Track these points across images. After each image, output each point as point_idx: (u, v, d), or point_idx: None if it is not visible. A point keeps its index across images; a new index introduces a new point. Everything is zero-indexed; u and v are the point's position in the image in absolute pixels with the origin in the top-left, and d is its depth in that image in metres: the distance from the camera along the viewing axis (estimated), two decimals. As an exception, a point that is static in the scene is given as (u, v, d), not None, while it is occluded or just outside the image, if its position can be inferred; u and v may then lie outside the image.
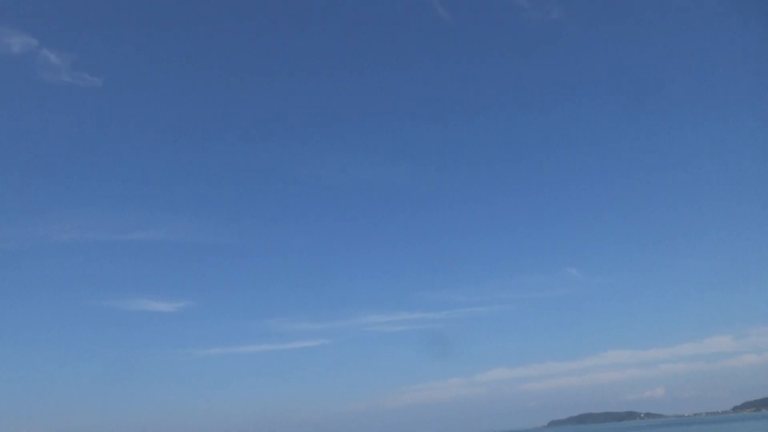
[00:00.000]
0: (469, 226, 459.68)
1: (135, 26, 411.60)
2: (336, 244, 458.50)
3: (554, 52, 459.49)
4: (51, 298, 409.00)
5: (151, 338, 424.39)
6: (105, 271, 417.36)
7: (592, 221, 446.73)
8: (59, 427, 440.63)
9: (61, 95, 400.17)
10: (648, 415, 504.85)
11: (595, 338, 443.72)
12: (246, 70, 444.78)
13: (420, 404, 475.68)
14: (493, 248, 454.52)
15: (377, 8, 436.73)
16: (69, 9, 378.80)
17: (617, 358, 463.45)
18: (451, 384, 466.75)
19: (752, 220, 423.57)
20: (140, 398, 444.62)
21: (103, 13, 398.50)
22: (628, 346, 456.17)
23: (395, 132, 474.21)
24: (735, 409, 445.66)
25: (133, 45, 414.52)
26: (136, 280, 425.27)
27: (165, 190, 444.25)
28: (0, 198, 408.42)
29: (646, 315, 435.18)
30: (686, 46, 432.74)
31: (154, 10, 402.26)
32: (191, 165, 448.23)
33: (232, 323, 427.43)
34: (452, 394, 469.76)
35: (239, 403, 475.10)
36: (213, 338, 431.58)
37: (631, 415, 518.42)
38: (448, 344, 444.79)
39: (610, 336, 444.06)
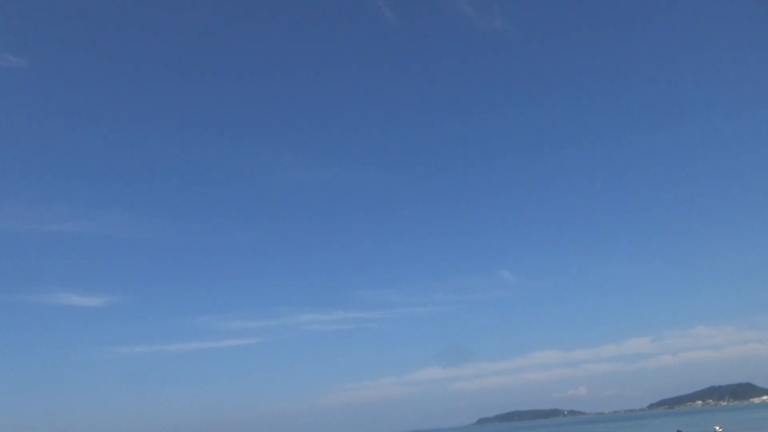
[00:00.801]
0: (406, 228, 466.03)
1: (64, 6, 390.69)
2: (272, 243, 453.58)
3: (497, 59, 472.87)
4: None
5: (73, 334, 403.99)
6: (26, 263, 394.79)
7: (527, 226, 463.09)
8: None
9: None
10: (571, 412, 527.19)
11: (524, 339, 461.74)
12: (190, 61, 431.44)
13: (353, 403, 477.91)
14: (430, 250, 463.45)
15: (330, 11, 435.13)
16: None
17: (544, 358, 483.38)
18: (384, 383, 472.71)
19: (675, 228, 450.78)
20: (61, 397, 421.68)
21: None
22: (555, 347, 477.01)
23: (335, 133, 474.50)
24: (650, 406, 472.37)
25: (63, 26, 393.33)
26: (58, 274, 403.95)
27: (94, 181, 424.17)
28: None
29: (572, 317, 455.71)
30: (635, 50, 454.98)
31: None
32: (122, 157, 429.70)
33: (161, 320, 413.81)
34: (385, 393, 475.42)
35: (167, 403, 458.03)
36: (140, 335, 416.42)
37: (555, 413, 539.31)
38: (382, 344, 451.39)
39: (538, 337, 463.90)
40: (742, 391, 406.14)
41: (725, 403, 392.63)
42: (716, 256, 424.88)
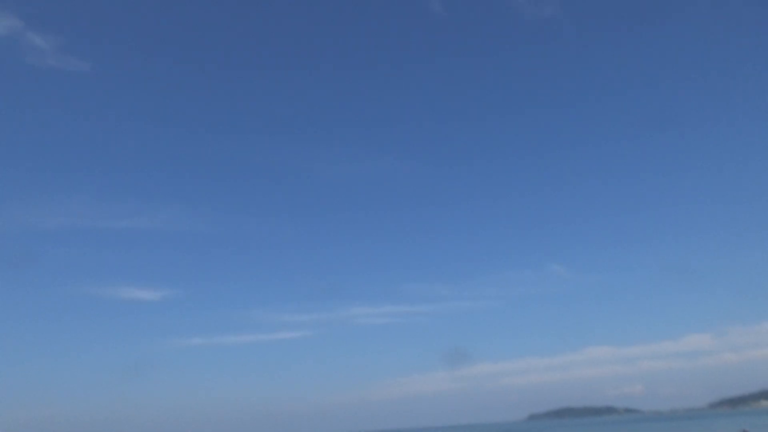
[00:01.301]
0: (456, 222, 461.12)
1: (125, 11, 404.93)
2: (323, 236, 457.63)
3: (547, 50, 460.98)
4: (37, 284, 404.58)
5: (135, 327, 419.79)
6: (92, 258, 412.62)
7: (578, 219, 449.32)
8: (44, 414, 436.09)
9: (48, 79, 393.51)
10: (627, 410, 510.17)
11: (576, 334, 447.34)
12: (239, 62, 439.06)
13: (404, 397, 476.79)
14: (480, 244, 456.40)
15: (371, 2, 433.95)
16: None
17: (597, 354, 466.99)
18: (435, 377, 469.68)
19: (735, 223, 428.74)
20: (124, 387, 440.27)
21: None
22: (609, 343, 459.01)
23: (384, 127, 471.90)
24: (711, 406, 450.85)
25: (123, 30, 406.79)
26: (122, 268, 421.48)
27: (152, 178, 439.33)
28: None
29: (627, 312, 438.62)
30: (682, 46, 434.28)
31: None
32: (179, 154, 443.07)
33: (217, 313, 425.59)
34: (436, 388, 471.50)
35: (222, 394, 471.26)
36: (197, 327, 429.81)
37: (610, 411, 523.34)
38: (432, 337, 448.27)
39: (591, 332, 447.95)
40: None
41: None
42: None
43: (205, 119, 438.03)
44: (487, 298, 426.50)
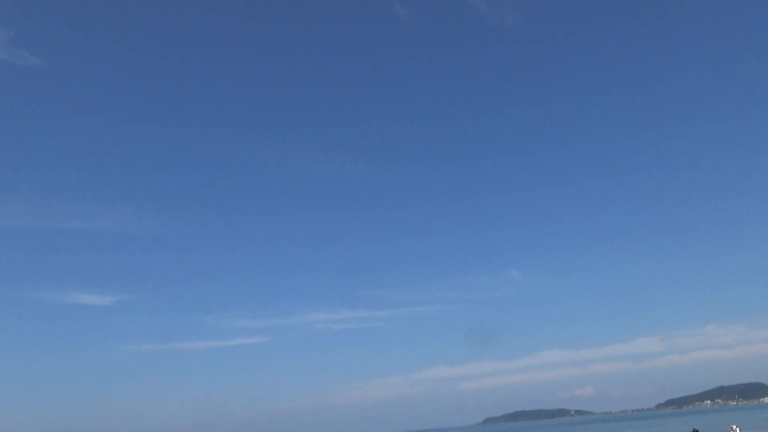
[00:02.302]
0: (414, 226, 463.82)
1: (78, 5, 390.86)
2: (279, 240, 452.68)
3: (509, 55, 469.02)
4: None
5: (82, 333, 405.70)
6: (36, 261, 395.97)
7: (535, 225, 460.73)
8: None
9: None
10: (578, 412, 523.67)
11: (531, 338, 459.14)
12: (206, 55, 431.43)
13: (360, 402, 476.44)
14: (437, 249, 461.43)
15: (341, 5, 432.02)
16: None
17: (551, 358, 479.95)
18: (391, 382, 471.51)
19: (685, 226, 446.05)
20: (69, 394, 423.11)
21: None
22: (562, 347, 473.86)
23: (343, 129, 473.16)
24: (658, 406, 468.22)
25: (76, 25, 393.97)
26: (68, 272, 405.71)
27: (102, 178, 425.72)
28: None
29: (579, 317, 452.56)
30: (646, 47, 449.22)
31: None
32: (132, 153, 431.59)
33: (169, 319, 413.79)
34: (392, 392, 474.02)
35: (174, 401, 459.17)
36: (148, 334, 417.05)
37: (562, 413, 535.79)
38: (390, 343, 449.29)
39: (546, 336, 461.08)
40: (752, 391, 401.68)
41: (735, 403, 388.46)
42: (727, 254, 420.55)
43: (161, 116, 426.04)
44: (445, 302, 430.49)
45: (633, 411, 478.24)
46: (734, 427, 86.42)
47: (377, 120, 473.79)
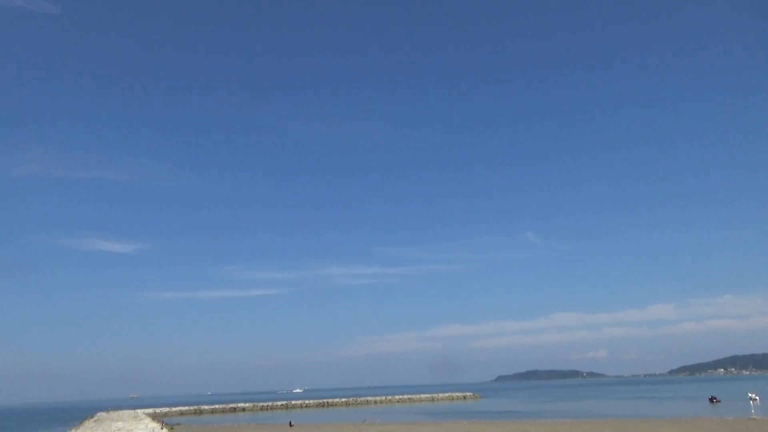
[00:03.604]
0: (433, 186, 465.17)
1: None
2: (300, 196, 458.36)
3: (538, 20, 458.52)
4: (6, 233, 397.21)
5: (106, 279, 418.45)
6: (61, 208, 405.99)
7: (553, 188, 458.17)
8: (15, 362, 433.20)
9: (14, 20, 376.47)
10: (590, 374, 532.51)
11: (545, 300, 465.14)
12: (221, 15, 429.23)
13: (375, 355, 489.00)
14: (455, 209, 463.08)
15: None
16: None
17: (565, 320, 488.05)
18: (406, 337, 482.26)
19: (702, 199, 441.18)
20: (94, 338, 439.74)
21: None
22: (576, 310, 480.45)
23: (364, 89, 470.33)
24: (671, 372, 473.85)
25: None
26: (92, 220, 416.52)
27: (127, 129, 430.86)
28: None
29: (595, 281, 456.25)
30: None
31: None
32: (155, 106, 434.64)
33: (191, 268, 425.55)
34: (406, 347, 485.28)
35: (195, 348, 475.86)
36: (170, 282, 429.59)
37: (574, 374, 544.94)
38: (405, 299, 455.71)
39: (560, 299, 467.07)
40: (766, 362, 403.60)
41: (748, 373, 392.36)
42: (749, 228, 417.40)
43: (180, 72, 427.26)
44: (461, 262, 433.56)
45: (645, 375, 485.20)
46: (752, 394, 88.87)
47: (400, 82, 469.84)
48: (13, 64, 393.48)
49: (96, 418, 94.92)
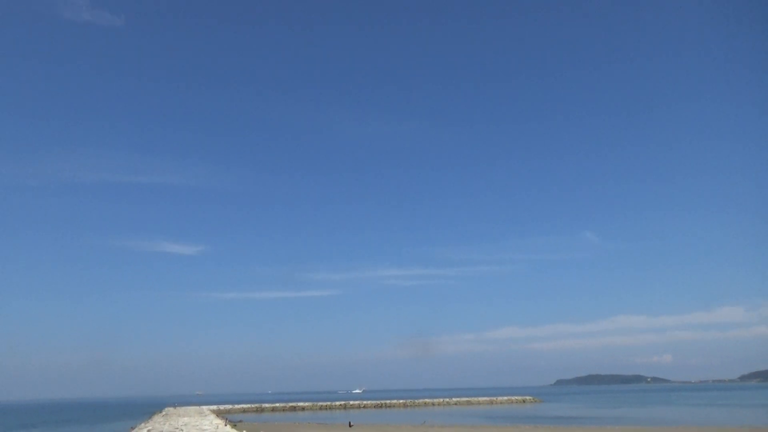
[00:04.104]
0: (487, 185, 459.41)
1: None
2: (353, 197, 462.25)
3: (585, 14, 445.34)
4: (74, 235, 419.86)
5: (171, 279, 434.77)
6: (127, 211, 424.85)
7: (613, 186, 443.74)
8: (81, 358, 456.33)
9: (82, 33, 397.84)
10: (655, 379, 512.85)
11: (606, 302, 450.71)
12: (269, 21, 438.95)
13: (431, 356, 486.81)
14: (510, 208, 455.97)
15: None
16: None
17: (627, 322, 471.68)
18: (462, 339, 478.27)
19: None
20: (162, 336, 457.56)
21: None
22: (638, 312, 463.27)
23: (412, 89, 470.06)
24: (742, 378, 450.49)
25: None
26: (156, 222, 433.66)
27: (185, 134, 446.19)
28: (24, 135, 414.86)
29: (658, 282, 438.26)
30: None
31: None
32: (211, 111, 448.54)
33: (249, 269, 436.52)
34: (463, 349, 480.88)
35: (254, 347, 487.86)
36: (231, 283, 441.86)
37: (637, 379, 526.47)
38: (461, 300, 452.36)
39: (621, 301, 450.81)
40: None
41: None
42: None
43: (237, 78, 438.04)
44: (516, 262, 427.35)
45: (714, 381, 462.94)
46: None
47: (446, 81, 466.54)
48: (80, 75, 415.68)
49: (164, 412, 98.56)
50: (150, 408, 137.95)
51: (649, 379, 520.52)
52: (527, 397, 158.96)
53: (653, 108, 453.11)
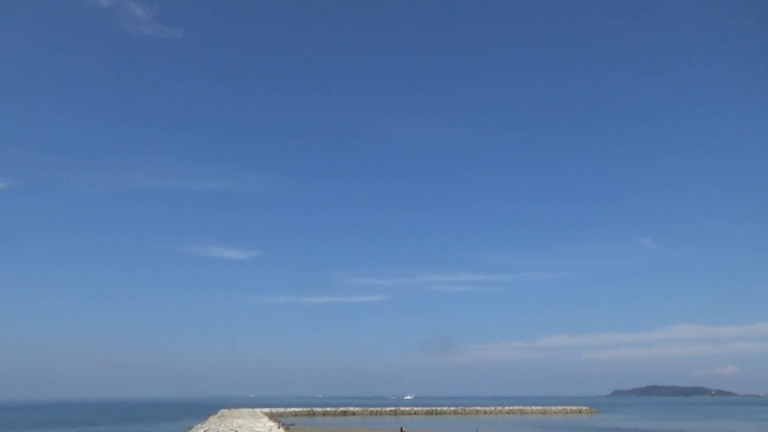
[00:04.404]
0: (538, 189, 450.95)
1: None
2: (401, 203, 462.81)
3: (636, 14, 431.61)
4: (132, 240, 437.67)
5: (224, 283, 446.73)
6: (182, 217, 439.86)
7: (671, 191, 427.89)
8: (140, 359, 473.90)
9: (143, 47, 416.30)
10: (719, 392, 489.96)
11: (663, 311, 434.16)
12: (321, 28, 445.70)
13: (479, 363, 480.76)
14: (561, 214, 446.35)
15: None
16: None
17: (685, 332, 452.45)
18: (512, 347, 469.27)
19: None
20: (216, 338, 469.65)
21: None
22: (699, 321, 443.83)
23: (461, 94, 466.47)
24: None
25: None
26: (211, 228, 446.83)
27: (237, 142, 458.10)
28: (86, 144, 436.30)
29: (719, 290, 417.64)
30: None
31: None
32: (263, 119, 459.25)
33: (299, 274, 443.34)
34: (513, 357, 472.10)
35: (305, 351, 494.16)
36: (281, 287, 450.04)
37: (700, 391, 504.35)
38: (510, 307, 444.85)
39: (680, 310, 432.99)
40: None
41: None
42: None
43: (293, 85, 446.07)
44: (567, 269, 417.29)
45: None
46: None
47: (494, 84, 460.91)
48: (139, 86, 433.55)
49: (219, 414, 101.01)
50: (207, 409, 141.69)
51: (713, 392, 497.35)
52: (583, 408, 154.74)
53: (713, 114, 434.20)
